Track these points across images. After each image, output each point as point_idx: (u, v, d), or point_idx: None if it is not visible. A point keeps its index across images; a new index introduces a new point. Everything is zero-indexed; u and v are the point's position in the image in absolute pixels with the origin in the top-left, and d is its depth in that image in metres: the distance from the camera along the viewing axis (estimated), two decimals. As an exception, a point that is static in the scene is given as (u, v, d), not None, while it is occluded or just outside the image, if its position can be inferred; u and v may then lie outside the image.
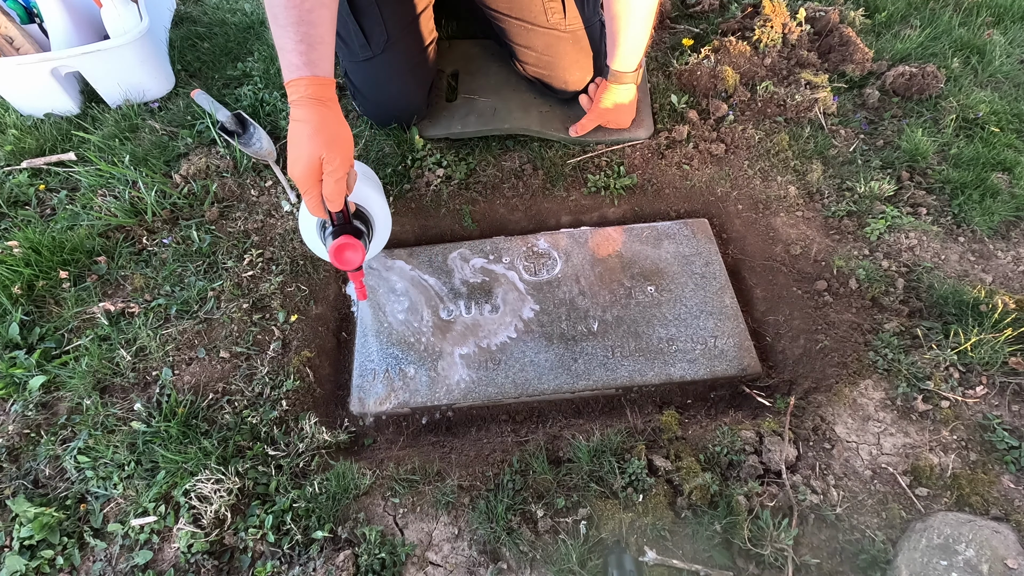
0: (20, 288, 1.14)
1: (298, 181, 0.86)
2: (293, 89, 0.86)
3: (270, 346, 1.09)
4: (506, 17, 1.27)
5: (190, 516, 0.89)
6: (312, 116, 0.85)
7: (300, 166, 0.85)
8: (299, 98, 0.86)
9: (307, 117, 0.85)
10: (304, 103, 0.86)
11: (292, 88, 0.87)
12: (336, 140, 0.85)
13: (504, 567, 0.84)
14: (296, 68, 0.86)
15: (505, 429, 1.07)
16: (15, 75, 1.40)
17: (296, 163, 0.85)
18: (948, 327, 1.01)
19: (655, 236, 1.26)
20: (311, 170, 0.85)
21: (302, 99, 0.86)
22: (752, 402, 1.05)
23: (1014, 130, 1.33)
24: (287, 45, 0.86)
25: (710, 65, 1.40)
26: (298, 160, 0.85)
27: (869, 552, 0.81)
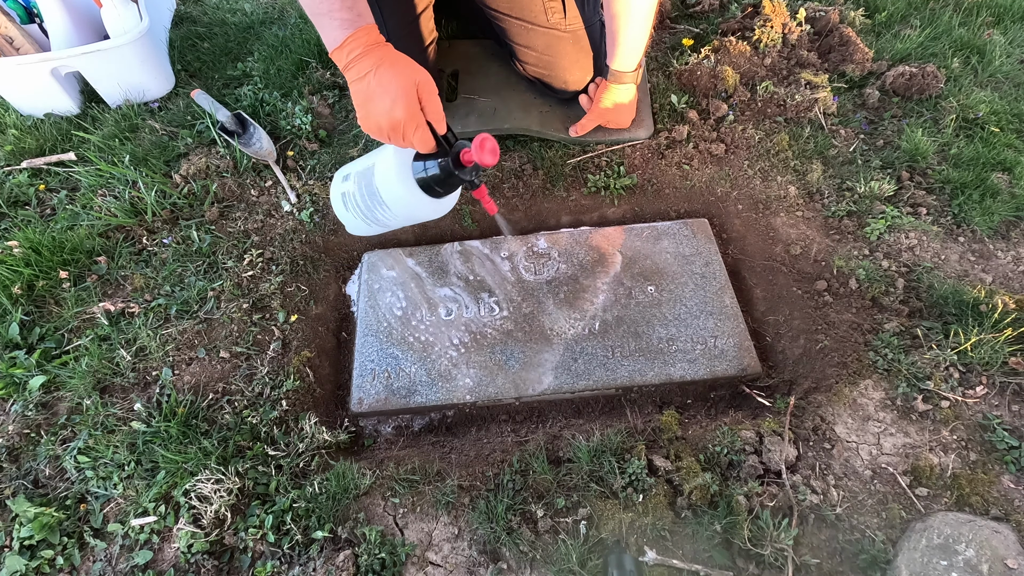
0: (20, 288, 1.14)
1: (405, 120, 0.80)
2: (354, 45, 0.82)
3: (270, 346, 1.09)
4: (506, 17, 1.27)
5: (190, 516, 0.89)
6: (386, 55, 0.82)
7: (402, 104, 0.80)
8: (364, 49, 0.82)
9: (382, 58, 0.81)
10: (371, 51, 0.82)
11: (352, 44, 0.82)
12: (417, 65, 0.83)
13: (504, 567, 0.84)
14: (350, 23, 0.82)
15: (505, 429, 1.07)
16: (15, 75, 1.40)
17: (396, 104, 0.80)
18: (948, 327, 1.01)
19: (655, 236, 1.26)
20: (413, 103, 0.80)
21: (369, 47, 0.82)
22: (752, 402, 1.05)
23: (1014, 130, 1.33)
24: (333, 6, 0.82)
25: (710, 65, 1.40)
26: (397, 99, 0.80)
27: (869, 552, 0.81)
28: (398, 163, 0.89)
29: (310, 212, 1.27)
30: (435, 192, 0.90)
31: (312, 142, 1.39)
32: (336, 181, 1.03)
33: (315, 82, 1.51)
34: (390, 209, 0.94)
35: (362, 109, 0.83)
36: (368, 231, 1.04)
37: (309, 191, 1.30)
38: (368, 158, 0.98)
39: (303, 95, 1.47)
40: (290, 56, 1.57)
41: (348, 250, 1.31)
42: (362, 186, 0.95)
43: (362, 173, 0.95)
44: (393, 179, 0.90)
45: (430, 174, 0.87)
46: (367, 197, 0.95)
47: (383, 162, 0.91)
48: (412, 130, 0.81)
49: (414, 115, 0.81)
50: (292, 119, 1.40)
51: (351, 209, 0.99)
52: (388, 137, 0.83)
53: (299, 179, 1.33)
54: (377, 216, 0.97)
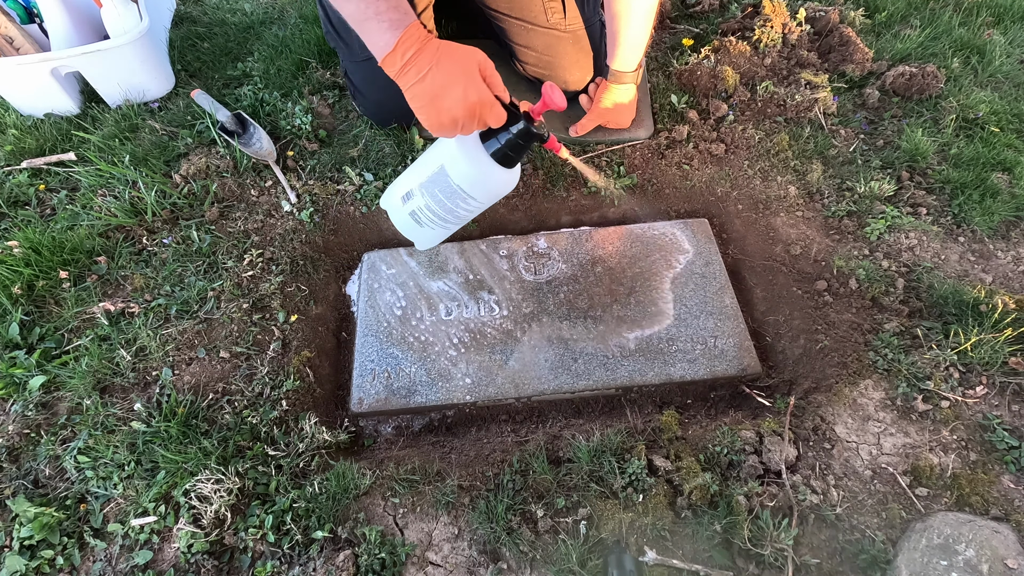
0: (20, 288, 1.14)
1: (480, 103, 0.80)
2: (408, 44, 0.80)
3: (270, 346, 1.09)
4: (506, 17, 1.27)
5: (190, 516, 0.89)
6: (441, 48, 0.80)
7: (474, 89, 0.79)
8: (418, 46, 0.80)
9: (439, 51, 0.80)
10: (426, 46, 0.81)
11: (406, 44, 0.80)
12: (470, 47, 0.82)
13: (504, 567, 0.84)
14: (399, 23, 0.81)
15: (505, 429, 1.07)
16: (15, 75, 1.40)
17: (468, 90, 0.79)
18: (948, 327, 1.01)
19: (655, 236, 1.26)
20: (483, 85, 0.80)
21: (422, 44, 0.81)
22: (752, 402, 1.05)
23: (1014, 130, 1.33)
24: (379, 7, 0.80)
25: (710, 65, 1.40)
26: (468, 86, 0.79)
27: (869, 552, 0.81)
28: (468, 150, 0.90)
29: (310, 212, 1.27)
30: (511, 160, 0.90)
31: (312, 142, 1.39)
32: (394, 206, 1.02)
33: (315, 82, 1.51)
34: (475, 198, 0.95)
35: (431, 107, 0.81)
36: (443, 236, 1.04)
37: (309, 191, 1.30)
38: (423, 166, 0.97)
39: (303, 95, 1.47)
40: (290, 56, 1.57)
41: (348, 250, 1.31)
42: (435, 193, 0.95)
43: (431, 181, 0.95)
44: (470, 168, 0.90)
45: (505, 143, 0.88)
46: (446, 200, 0.95)
47: (452, 158, 0.91)
48: (488, 109, 0.81)
49: (486, 95, 0.80)
50: (292, 119, 1.40)
51: (425, 223, 1.00)
52: (462, 127, 0.82)
53: (299, 179, 1.33)
54: (459, 213, 0.98)
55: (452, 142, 0.90)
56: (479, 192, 0.94)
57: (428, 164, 0.96)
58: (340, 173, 1.33)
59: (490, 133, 0.88)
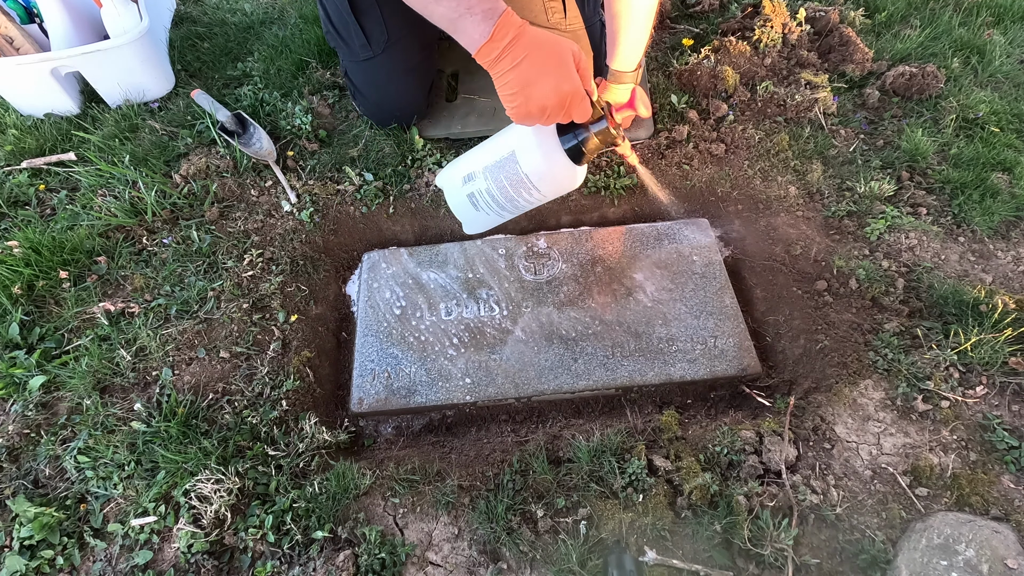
0: (20, 288, 1.14)
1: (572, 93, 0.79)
2: (503, 32, 0.79)
3: (270, 346, 1.09)
4: (506, 17, 1.26)
5: (190, 516, 0.89)
6: (536, 35, 0.79)
7: (568, 79, 0.78)
8: (514, 35, 0.79)
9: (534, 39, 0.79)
10: (522, 34, 0.79)
11: (501, 32, 0.79)
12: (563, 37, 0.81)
13: (504, 567, 0.84)
14: (493, 12, 0.78)
15: (505, 429, 1.07)
16: (15, 75, 1.40)
17: (562, 80, 0.78)
18: (948, 327, 1.01)
19: (655, 236, 1.26)
20: (575, 76, 0.79)
21: (518, 32, 0.79)
22: (752, 402, 1.05)
23: (1014, 130, 1.33)
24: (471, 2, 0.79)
25: (710, 65, 1.40)
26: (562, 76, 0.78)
27: (869, 552, 0.81)
28: (543, 141, 0.89)
29: (310, 212, 1.27)
30: (582, 158, 0.89)
31: (312, 142, 1.39)
32: (452, 185, 1.01)
33: (315, 82, 1.51)
34: (539, 190, 0.94)
35: (521, 94, 0.80)
36: (494, 223, 1.04)
37: (309, 191, 1.30)
38: (492, 150, 0.96)
39: (303, 95, 1.47)
40: (290, 56, 1.57)
41: (348, 250, 1.31)
42: (500, 178, 0.93)
43: (497, 166, 0.94)
44: (543, 158, 0.89)
45: (582, 139, 0.87)
46: (509, 187, 0.94)
47: (526, 146, 0.90)
48: (578, 102, 0.81)
49: (578, 87, 0.80)
50: (292, 119, 1.40)
51: (482, 207, 0.98)
52: (548, 116, 0.81)
53: (299, 179, 1.33)
54: (519, 203, 0.97)
55: (528, 130, 0.89)
56: (545, 185, 0.93)
57: (497, 148, 0.94)
58: (340, 173, 1.33)
59: (567, 127, 0.87)
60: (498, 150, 0.94)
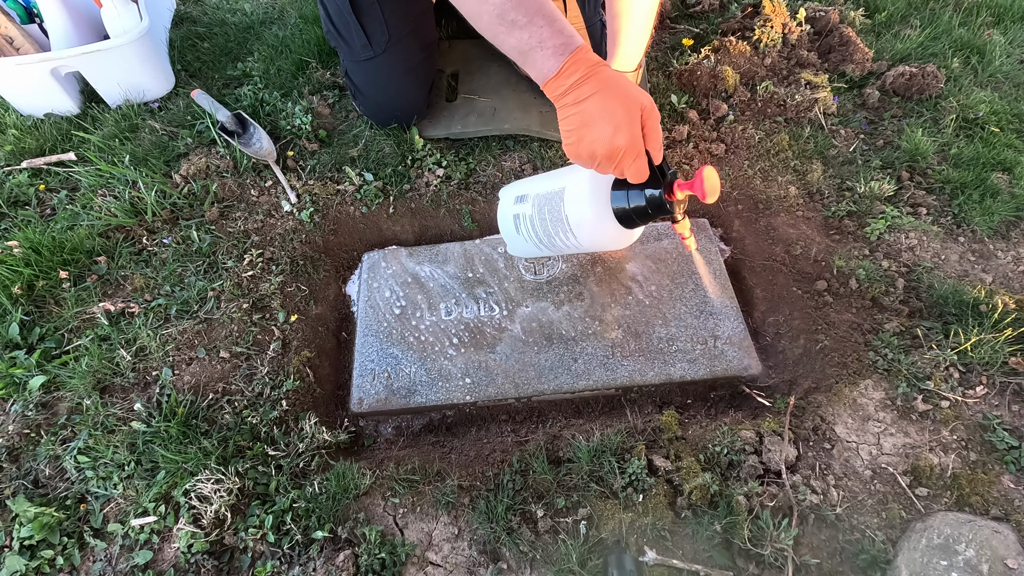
0: (20, 288, 1.14)
1: (626, 149, 0.75)
2: (573, 69, 0.76)
3: (270, 346, 1.09)
4: (506, 17, 1.26)
5: (190, 516, 0.89)
6: (609, 77, 0.76)
7: (626, 132, 0.74)
8: (584, 72, 0.76)
9: (605, 81, 0.75)
10: (593, 73, 0.76)
11: (571, 68, 0.76)
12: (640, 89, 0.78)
13: (504, 567, 0.84)
14: (564, 48, 0.76)
15: (505, 429, 1.07)
16: (15, 75, 1.40)
17: (619, 131, 0.74)
18: (948, 327, 1.01)
19: (655, 236, 1.26)
20: (638, 131, 0.75)
21: (590, 70, 0.76)
22: (752, 402, 1.05)
23: (1014, 130, 1.33)
24: (543, 35, 0.76)
25: (710, 65, 1.40)
26: (621, 126, 0.74)
27: (869, 552, 0.81)
28: (594, 189, 0.84)
29: (310, 212, 1.27)
30: (631, 223, 0.85)
31: (312, 142, 1.39)
32: (506, 201, 0.98)
33: (315, 82, 1.51)
34: (575, 237, 0.89)
35: (575, 134, 0.77)
36: (533, 254, 1.00)
37: (309, 191, 1.30)
38: (552, 180, 0.92)
39: (303, 95, 1.47)
40: (290, 56, 1.57)
41: (348, 250, 1.31)
42: (544, 210, 0.89)
43: (546, 197, 0.90)
44: (587, 206, 0.84)
45: (633, 205, 0.82)
46: (549, 223, 0.89)
47: (577, 187, 0.86)
48: (632, 160, 0.77)
49: (636, 144, 0.76)
50: (292, 119, 1.40)
51: (523, 232, 0.95)
52: (599, 165, 0.78)
53: (299, 179, 1.33)
54: (556, 243, 0.92)
55: (585, 174, 0.85)
56: (584, 236, 0.89)
57: (554, 181, 0.91)
58: (340, 173, 1.33)
59: (624, 184, 0.82)
60: (554, 182, 0.91)
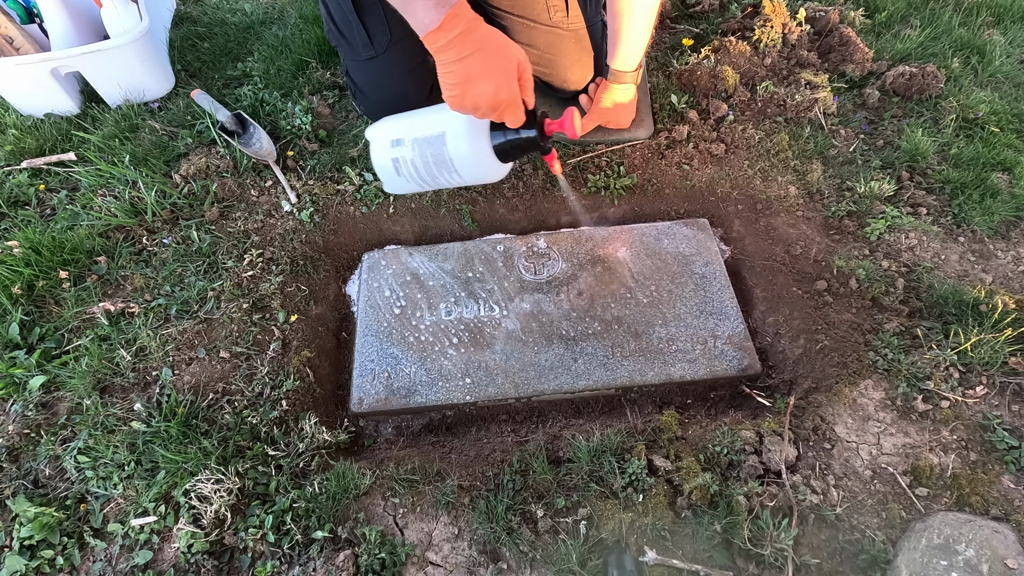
0: (20, 288, 1.14)
1: (507, 100, 0.82)
2: (453, 24, 0.80)
3: (270, 346, 1.09)
4: (508, 15, 1.27)
5: (190, 516, 0.89)
6: (487, 35, 0.81)
7: (506, 88, 0.81)
8: (464, 28, 0.80)
9: (484, 38, 0.81)
10: (472, 29, 0.81)
11: (452, 23, 0.80)
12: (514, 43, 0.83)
13: (504, 567, 0.84)
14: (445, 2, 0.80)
15: (505, 429, 1.07)
16: (15, 75, 1.40)
17: (500, 87, 0.81)
18: (948, 327, 1.01)
19: (655, 236, 1.26)
20: (515, 85, 0.82)
21: (469, 26, 0.81)
22: (752, 402, 1.05)
23: (1014, 130, 1.33)
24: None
25: (710, 65, 1.40)
26: (502, 83, 0.81)
27: (869, 552, 0.81)
28: (474, 132, 0.92)
29: (310, 212, 1.27)
30: (509, 156, 0.94)
31: (312, 142, 1.39)
32: (380, 144, 1.03)
33: (315, 82, 1.51)
34: (460, 175, 0.98)
35: (458, 88, 0.83)
36: (412, 191, 1.07)
37: (309, 191, 1.30)
38: (425, 123, 0.98)
39: (303, 95, 1.47)
40: (290, 56, 1.57)
41: (348, 250, 1.31)
42: (426, 154, 0.97)
43: (426, 141, 0.97)
44: (469, 148, 0.93)
45: (511, 142, 0.91)
46: (432, 165, 0.97)
47: (457, 131, 0.93)
48: (512, 110, 0.84)
49: (516, 97, 0.83)
50: (292, 119, 1.40)
51: (403, 174, 1.01)
52: (482, 115, 0.84)
53: (299, 179, 1.33)
54: (439, 180, 1.00)
55: (463, 117, 0.91)
56: (467, 172, 0.97)
57: (430, 124, 0.97)
58: (340, 173, 1.33)
59: (500, 125, 0.90)
60: (430, 126, 0.97)
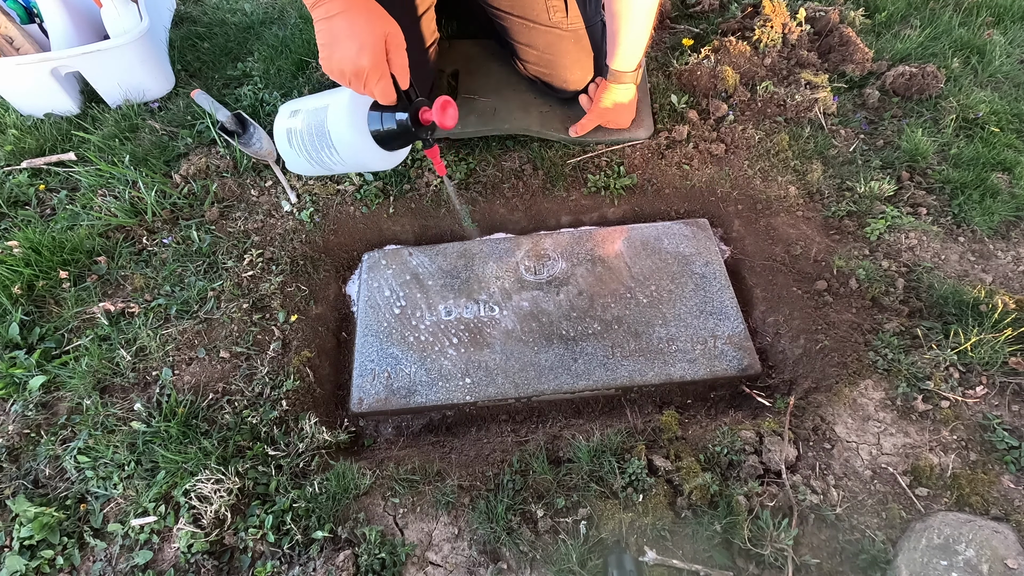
0: (20, 288, 1.14)
1: (369, 69, 0.80)
2: None
3: (270, 346, 1.09)
4: (508, 15, 1.27)
5: (190, 516, 0.89)
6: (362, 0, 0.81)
7: (369, 53, 0.79)
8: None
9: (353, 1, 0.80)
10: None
11: None
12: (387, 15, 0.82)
13: (504, 567, 0.84)
14: None
15: (505, 429, 1.07)
16: (15, 75, 1.40)
17: (363, 52, 0.79)
18: (948, 327, 1.01)
19: (655, 236, 1.26)
20: (380, 53, 0.80)
21: None
22: (752, 402, 1.05)
23: (1014, 130, 1.33)
24: None
25: (710, 65, 1.40)
26: (364, 47, 0.79)
27: (869, 552, 0.81)
28: (353, 109, 0.89)
29: (310, 212, 1.27)
30: (388, 145, 0.91)
31: (312, 142, 1.39)
32: (282, 115, 1.02)
33: (315, 82, 1.51)
34: (338, 154, 0.95)
35: (326, 50, 0.82)
36: (311, 171, 1.04)
37: (309, 191, 1.30)
38: (321, 97, 0.97)
39: (303, 95, 1.47)
40: (290, 56, 1.57)
41: (348, 250, 1.31)
42: (311, 126, 0.94)
43: (313, 112, 0.95)
44: (346, 125, 0.90)
45: (386, 127, 0.88)
46: (315, 138, 0.95)
47: (338, 106, 0.91)
48: (376, 80, 0.81)
49: (379, 65, 0.81)
50: (292, 119, 1.40)
51: (295, 147, 0.99)
52: (349, 82, 0.83)
53: (299, 179, 1.33)
54: (323, 158, 0.97)
55: (346, 93, 0.90)
56: (344, 153, 0.94)
57: (323, 97, 0.97)
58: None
59: (380, 108, 0.88)
60: (323, 98, 0.96)
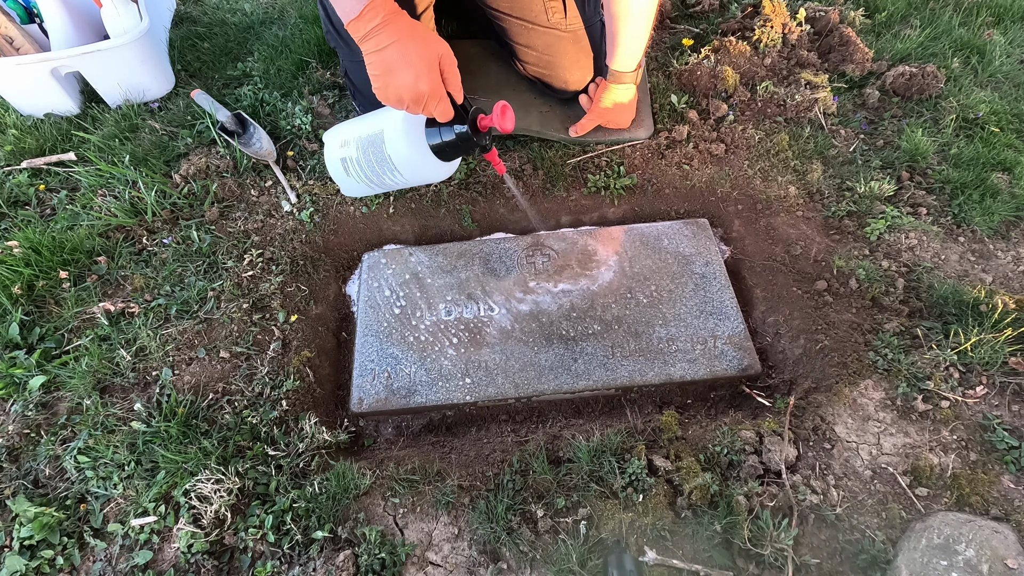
0: (20, 288, 1.14)
1: (429, 94, 0.84)
2: (372, 15, 0.83)
3: (270, 346, 1.09)
4: (507, 16, 1.27)
5: (190, 516, 0.89)
6: (407, 27, 0.84)
7: (427, 79, 0.83)
8: (383, 19, 0.83)
9: (403, 30, 0.83)
10: (391, 20, 0.84)
11: (371, 14, 0.83)
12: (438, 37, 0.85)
13: (504, 567, 0.84)
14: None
15: (505, 429, 1.07)
16: (15, 75, 1.40)
17: (420, 79, 0.83)
18: (948, 327, 1.01)
19: (655, 236, 1.26)
20: (437, 78, 0.84)
21: (388, 17, 0.83)
22: (752, 402, 1.05)
23: (1014, 130, 1.33)
24: None
25: (710, 65, 1.40)
26: (421, 74, 0.82)
27: (869, 552, 0.81)
28: (410, 129, 0.92)
29: (310, 212, 1.27)
30: (447, 156, 0.94)
31: (312, 142, 1.39)
32: (331, 145, 1.05)
33: (315, 82, 1.51)
34: (401, 174, 0.98)
35: (381, 80, 0.85)
36: (368, 192, 1.08)
37: (309, 191, 1.30)
38: (369, 123, 0.99)
39: (303, 95, 1.47)
40: (290, 56, 1.57)
41: (348, 250, 1.31)
42: (368, 152, 0.97)
43: (368, 140, 0.97)
44: (405, 145, 0.93)
45: (446, 140, 0.92)
46: (375, 163, 0.98)
47: (394, 129, 0.94)
48: (435, 103, 0.85)
49: (437, 89, 0.84)
50: (292, 119, 1.40)
51: (352, 174, 1.02)
52: (408, 107, 0.85)
53: (299, 179, 1.33)
54: (385, 180, 1.01)
55: (399, 115, 0.92)
56: (407, 171, 0.98)
57: (373, 123, 0.98)
58: (340, 173, 1.33)
59: (436, 123, 0.91)
60: (373, 125, 0.98)
